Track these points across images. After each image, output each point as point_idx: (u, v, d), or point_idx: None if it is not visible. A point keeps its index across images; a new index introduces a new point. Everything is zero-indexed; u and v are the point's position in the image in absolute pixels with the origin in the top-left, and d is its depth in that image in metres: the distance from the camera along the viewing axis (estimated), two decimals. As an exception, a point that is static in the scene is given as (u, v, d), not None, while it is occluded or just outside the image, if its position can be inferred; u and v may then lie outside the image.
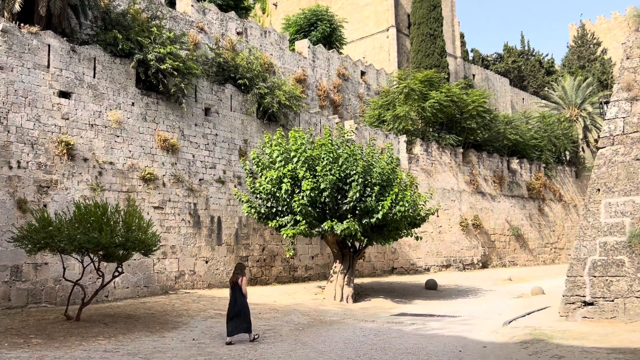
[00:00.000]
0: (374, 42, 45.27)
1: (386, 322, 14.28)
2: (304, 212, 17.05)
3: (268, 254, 23.15)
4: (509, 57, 66.49)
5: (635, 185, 12.69)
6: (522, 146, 40.61)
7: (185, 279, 19.80)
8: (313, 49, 36.31)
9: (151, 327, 12.69)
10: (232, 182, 22.13)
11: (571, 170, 46.40)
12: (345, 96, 37.87)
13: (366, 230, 17.95)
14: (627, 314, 12.06)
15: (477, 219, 35.15)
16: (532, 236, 40.17)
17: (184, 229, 20.06)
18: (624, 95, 13.40)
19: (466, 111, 34.62)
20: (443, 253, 32.57)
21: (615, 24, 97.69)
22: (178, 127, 20.44)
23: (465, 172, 35.22)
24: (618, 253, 12.49)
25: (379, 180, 17.78)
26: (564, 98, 49.76)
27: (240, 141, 22.72)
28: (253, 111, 23.21)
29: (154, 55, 18.70)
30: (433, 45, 41.96)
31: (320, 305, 17.13)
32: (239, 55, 23.49)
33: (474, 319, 14.41)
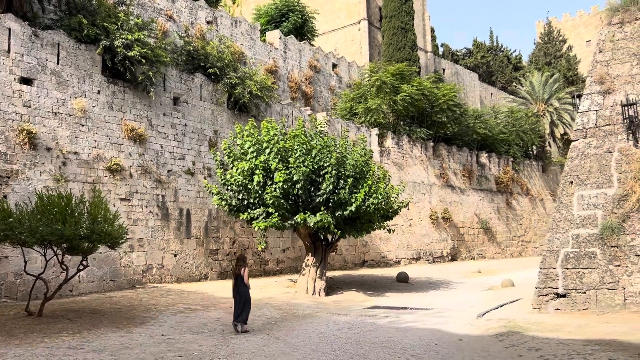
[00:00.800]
0: (346, 34, 45.03)
1: (359, 315, 14.11)
2: (276, 204, 16.74)
3: (239, 247, 22.76)
4: (478, 53, 67.13)
5: (607, 178, 12.77)
6: (491, 140, 41.04)
7: (153, 273, 19.29)
8: (284, 40, 35.87)
9: (118, 323, 12.24)
10: (201, 173, 21.64)
11: (538, 164, 47.14)
12: (317, 88, 37.56)
13: (339, 223, 17.75)
14: (598, 305, 12.15)
15: (447, 212, 35.37)
16: (500, 229, 40.68)
17: (151, 221, 19.52)
18: (597, 89, 13.47)
19: (437, 105, 34.77)
20: (413, 246, 32.66)
21: (580, 22, 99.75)
22: (146, 117, 19.84)
23: (435, 165, 35.38)
24: (590, 245, 12.56)
25: (353, 172, 17.58)
26: (531, 93, 50.51)
27: (210, 132, 22.22)
28: (223, 101, 22.73)
29: (121, 41, 18.07)
30: (404, 39, 41.95)
31: (292, 298, 16.87)
32: (210, 44, 22.94)
33: (448, 312, 14.36)
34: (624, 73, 13.16)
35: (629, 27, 13.37)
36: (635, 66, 13.06)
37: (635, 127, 12.49)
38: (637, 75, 12.98)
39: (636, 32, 13.25)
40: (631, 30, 13.33)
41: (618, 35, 13.50)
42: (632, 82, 13.00)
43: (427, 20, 51.26)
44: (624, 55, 13.28)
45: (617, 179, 12.60)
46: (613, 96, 13.19)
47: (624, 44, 13.35)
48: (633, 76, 13.04)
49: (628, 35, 13.35)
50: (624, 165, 12.59)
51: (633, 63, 13.11)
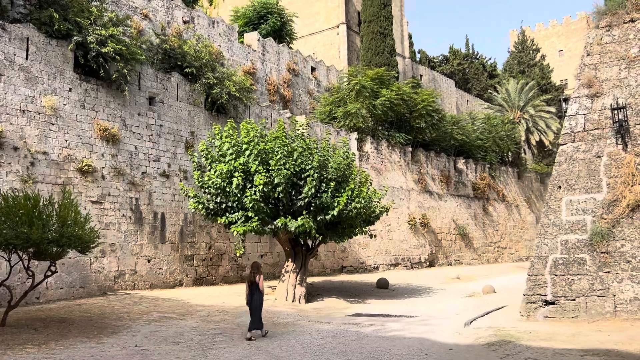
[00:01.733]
0: (324, 38, 44.70)
1: (342, 324, 13.61)
2: (256, 208, 16.15)
3: (215, 252, 22.07)
4: (454, 60, 67.54)
5: (596, 183, 12.54)
6: (468, 146, 41.08)
7: (126, 279, 18.49)
8: (263, 42, 35.33)
9: (88, 332, 11.50)
10: (177, 176, 20.93)
11: (513, 171, 47.40)
12: (296, 92, 37.09)
13: (320, 228, 17.24)
14: (588, 313, 11.87)
15: (425, 217, 35.16)
16: (477, 235, 40.68)
17: (124, 225, 18.74)
18: (585, 92, 13.27)
19: (415, 110, 34.62)
20: (392, 252, 32.34)
21: (553, 32, 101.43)
22: (120, 116, 19.09)
23: (413, 171, 35.17)
24: (579, 251, 12.30)
25: (335, 175, 17.11)
26: (507, 100, 50.89)
27: (186, 133, 21.53)
28: (201, 102, 22.07)
29: (94, 37, 17.32)
30: (383, 44, 41.78)
31: (272, 306, 16.28)
32: (187, 42, 22.28)
33: (433, 319, 13.96)
34: (612, 76, 12.99)
35: (617, 30, 13.21)
36: (624, 70, 12.89)
37: (624, 131, 12.29)
38: (626, 79, 12.81)
39: (624, 36, 13.10)
40: (619, 33, 13.18)
41: (606, 38, 13.33)
42: (621, 86, 12.83)
43: (405, 26, 51.28)
44: (612, 58, 13.11)
45: (606, 184, 12.38)
46: (601, 100, 13.00)
47: (612, 47, 13.18)
48: (621, 80, 12.86)
49: (616, 38, 13.19)
50: (613, 169, 12.38)
51: (621, 66, 12.94)
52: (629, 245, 11.77)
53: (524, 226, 47.37)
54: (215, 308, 15.12)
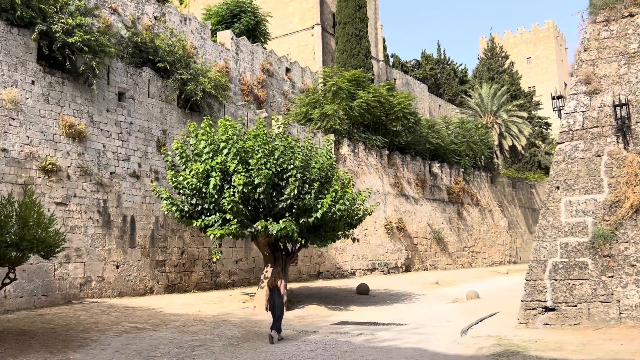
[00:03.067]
0: (299, 39, 43.89)
1: (330, 333, 12.73)
2: (235, 210, 15.17)
3: (188, 258, 20.92)
4: (426, 65, 67.56)
5: (596, 183, 11.99)
6: (443, 150, 40.77)
7: (92, 287, 17.23)
8: (236, 41, 34.31)
9: (51, 346, 10.35)
10: (148, 177, 19.76)
11: (487, 175, 47.36)
12: (270, 92, 36.14)
13: (302, 231, 16.34)
14: (591, 320, 11.28)
15: (401, 222, 34.58)
16: (452, 240, 40.33)
17: (91, 229, 17.49)
18: (583, 89, 12.74)
19: (392, 113, 34.09)
20: (368, 256, 31.62)
21: (521, 40, 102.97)
22: (87, 112, 17.86)
23: (390, 174, 34.58)
24: (580, 255, 11.71)
25: (319, 176, 16.26)
26: (480, 105, 50.95)
27: (158, 132, 20.38)
28: (174, 99, 20.95)
29: (60, 26, 16.11)
30: (358, 46, 41.20)
31: (251, 314, 15.28)
32: (159, 36, 21.14)
33: (425, 327, 13.19)
34: (612, 73, 12.49)
35: (615, 25, 12.74)
36: (623, 65, 12.41)
37: (627, 128, 11.78)
38: (625, 75, 12.33)
39: (622, 31, 12.63)
40: (617, 28, 12.71)
41: (604, 33, 12.85)
42: (621, 82, 12.34)
43: (380, 30, 50.89)
44: (610, 54, 12.62)
45: (607, 184, 11.84)
46: (600, 97, 12.49)
47: (610, 42, 12.70)
48: (621, 76, 12.38)
49: (614, 33, 12.71)
50: (614, 169, 11.85)
51: (620, 62, 12.46)
52: (633, 248, 11.23)
53: (497, 231, 47.33)
54: (191, 317, 14.04)
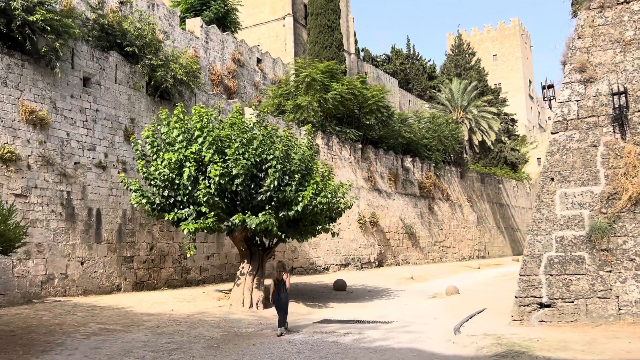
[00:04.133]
0: (270, 30, 42.88)
1: (314, 332, 12.00)
2: (210, 202, 14.27)
3: (157, 253, 19.87)
4: (396, 59, 67.35)
5: (593, 174, 11.58)
6: (415, 145, 40.48)
7: (55, 285, 16.07)
8: (206, 29, 33.15)
9: (10, 352, 9.32)
10: (115, 167, 18.62)
11: (457, 170, 47.38)
12: (241, 83, 35.11)
13: (281, 225, 15.56)
14: (589, 316, 10.85)
15: (375, 216, 34.10)
16: (423, 234, 40.11)
17: (54, 222, 16.31)
18: (577, 77, 12.30)
19: (366, 106, 33.51)
20: (342, 252, 31.02)
21: (487, 37, 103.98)
22: (49, 98, 16.63)
23: (363, 168, 34.02)
24: (577, 249, 11.28)
25: (299, 167, 15.48)
26: (451, 100, 50.90)
27: (126, 120, 19.24)
28: (142, 85, 19.82)
29: (19, 3, 14.87)
30: (331, 38, 40.48)
31: (228, 313, 14.42)
32: (127, 19, 19.95)
33: (413, 325, 12.59)
34: (607, 61, 12.09)
35: (610, 12, 12.34)
36: (619, 53, 12.02)
37: (624, 118, 11.38)
38: (622, 64, 11.94)
39: (618, 18, 12.24)
40: (612, 15, 12.31)
41: (598, 20, 12.44)
42: (616, 71, 11.94)
43: (351, 22, 50.27)
44: (605, 42, 12.22)
45: (604, 176, 11.43)
46: (595, 85, 12.08)
47: (605, 29, 12.30)
48: (617, 64, 11.98)
49: (609, 20, 12.31)
50: (611, 160, 11.45)
51: (616, 50, 12.06)
52: (632, 242, 10.85)
53: (466, 225, 47.41)
54: (165, 317, 13.10)
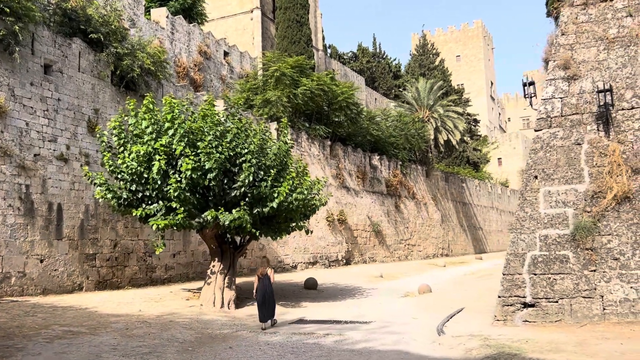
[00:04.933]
0: (237, 23, 42.02)
1: (292, 334, 11.52)
2: (182, 198, 13.60)
3: (121, 251, 18.99)
4: (363, 57, 67.28)
5: (577, 173, 11.45)
6: (383, 143, 40.39)
7: (12, 284, 15.09)
8: (172, 20, 32.14)
9: (-35, 358, 8.51)
10: (78, 160, 17.67)
11: (422, 169, 47.60)
12: (207, 76, 34.22)
13: (255, 222, 14.99)
14: (574, 316, 10.70)
15: (343, 214, 33.80)
16: (390, 232, 40.07)
17: (11, 217, 15.32)
18: (561, 74, 12.17)
19: (335, 102, 33.14)
20: (310, 249, 30.58)
21: (451, 38, 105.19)
22: (7, 85, 15.60)
23: (332, 165, 33.66)
24: (561, 248, 11.13)
25: (275, 162, 14.94)
26: (417, 99, 51.09)
27: (89, 110, 18.29)
28: (107, 75, 18.88)
29: (-25, -18, 13.84)
30: (299, 33, 39.93)
31: (200, 314, 13.78)
32: (92, 4, 18.95)
33: (393, 325, 12.25)
34: (591, 58, 12.00)
35: (594, 9, 12.26)
36: (603, 51, 11.94)
37: (609, 115, 11.29)
38: (605, 61, 11.86)
39: (601, 15, 12.16)
40: (596, 13, 12.22)
41: (582, 17, 12.34)
42: (600, 68, 11.86)
43: (319, 18, 49.82)
44: (589, 39, 12.12)
45: (588, 174, 11.32)
46: (579, 83, 11.96)
47: (589, 27, 12.20)
48: (600, 62, 11.90)
49: (593, 18, 12.23)
50: (595, 158, 11.35)
51: (600, 47, 11.98)
52: (617, 241, 10.76)
53: (431, 224, 47.68)
54: (134, 318, 12.37)
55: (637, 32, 11.63)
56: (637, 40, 11.63)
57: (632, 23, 11.79)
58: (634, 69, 11.55)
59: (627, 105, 11.42)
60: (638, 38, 11.62)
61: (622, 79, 11.59)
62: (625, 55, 11.69)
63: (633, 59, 11.61)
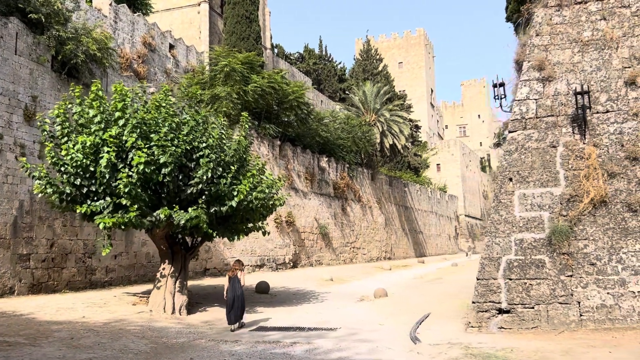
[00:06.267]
0: (183, 16, 40.46)
1: (256, 342, 10.66)
2: (133, 194, 12.45)
3: (59, 251, 17.48)
4: (310, 59, 66.78)
5: (552, 175, 11.22)
6: (331, 145, 40.04)
7: None
8: (116, 8, 30.41)
9: None
10: (12, 151, 16.10)
11: (368, 172, 47.61)
12: (151, 69, 32.62)
13: (211, 222, 14.01)
14: (550, 323, 10.41)
15: (291, 216, 33.05)
16: (336, 235, 39.69)
17: None
18: (536, 75, 11.95)
19: (286, 101, 32.38)
20: (257, 252, 29.65)
21: (394, 44, 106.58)
22: None
23: (281, 166, 32.86)
24: (537, 252, 10.84)
25: (234, 158, 14.02)
26: (364, 103, 51.09)
27: (26, 97, 16.73)
28: (48, 60, 17.36)
29: None
30: (249, 29, 38.88)
31: (151, 320, 12.65)
32: (33, -19, 17.36)
33: (361, 333, 11.61)
34: (565, 60, 11.83)
35: (568, 11, 12.12)
36: (577, 53, 11.80)
37: (585, 118, 11.12)
38: (580, 64, 11.72)
39: (575, 17, 12.04)
40: (570, 14, 12.09)
41: (556, 18, 12.18)
42: (575, 71, 11.71)
43: (267, 16, 48.90)
44: (563, 40, 11.97)
45: (564, 177, 11.11)
46: (554, 84, 11.77)
47: (563, 28, 12.05)
48: (575, 64, 11.75)
49: (567, 19, 12.09)
50: (571, 161, 11.15)
51: (574, 50, 11.84)
52: (593, 246, 10.57)
53: (375, 227, 47.73)
54: (78, 326, 11.13)
55: (611, 35, 11.56)
56: (611, 44, 11.56)
57: (606, 26, 11.72)
58: (608, 73, 11.46)
59: (601, 108, 11.31)
60: (612, 41, 11.55)
61: (597, 82, 11.48)
62: (600, 58, 11.60)
63: (607, 62, 11.53)
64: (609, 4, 11.86)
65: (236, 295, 12.42)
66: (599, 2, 11.93)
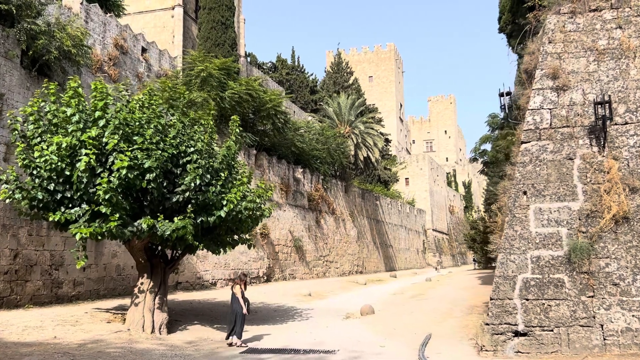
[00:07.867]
0: (156, 19, 39.16)
1: (252, 368, 9.63)
2: (113, 201, 11.29)
3: (23, 263, 16.03)
4: (282, 69, 66.00)
5: (570, 189, 10.60)
6: (306, 156, 39.25)
7: None
8: (87, 7, 28.89)
9: None
10: (-26, 153, 14.68)
11: (342, 184, 46.99)
12: (123, 73, 31.11)
13: (196, 234, 12.91)
14: (572, 347, 9.71)
15: (266, 228, 31.98)
16: (310, 248, 38.78)
17: None
18: (550, 84, 11.38)
19: (263, 110, 31.46)
20: (231, 265, 28.44)
21: (364, 58, 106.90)
22: None
23: (257, 176, 31.78)
24: (555, 270, 10.16)
25: (224, 165, 13.00)
26: (338, 114, 50.57)
27: (-8, 95, 15.35)
28: (17, 55, 16.03)
29: None
30: (224, 35, 37.85)
31: (130, 341, 11.44)
32: (3, -31, 16.04)
33: (364, 356, 10.69)
34: (580, 69, 11.30)
35: (582, 18, 11.62)
36: (592, 62, 11.29)
37: (605, 129, 10.56)
38: (596, 73, 11.20)
39: (590, 25, 11.54)
40: (584, 22, 11.60)
41: (569, 26, 11.66)
42: (590, 80, 11.18)
43: (242, 23, 47.94)
44: (578, 49, 11.44)
45: (582, 191, 10.50)
46: (569, 94, 11.21)
47: (577, 36, 11.54)
48: (591, 73, 11.23)
49: (581, 27, 11.58)
50: (589, 174, 10.56)
51: (589, 58, 11.32)
52: (615, 265, 9.95)
53: (348, 240, 47.06)
54: (50, 348, 9.86)
55: (628, 44, 11.09)
56: (629, 53, 11.08)
57: (622, 35, 11.26)
58: (625, 83, 10.96)
59: (620, 120, 10.79)
60: (629, 51, 11.08)
61: (614, 92, 10.97)
62: (617, 68, 11.10)
63: (625, 72, 11.03)
64: (624, 13, 11.41)
65: (236, 311, 12.40)
66: (614, 11, 11.47)
